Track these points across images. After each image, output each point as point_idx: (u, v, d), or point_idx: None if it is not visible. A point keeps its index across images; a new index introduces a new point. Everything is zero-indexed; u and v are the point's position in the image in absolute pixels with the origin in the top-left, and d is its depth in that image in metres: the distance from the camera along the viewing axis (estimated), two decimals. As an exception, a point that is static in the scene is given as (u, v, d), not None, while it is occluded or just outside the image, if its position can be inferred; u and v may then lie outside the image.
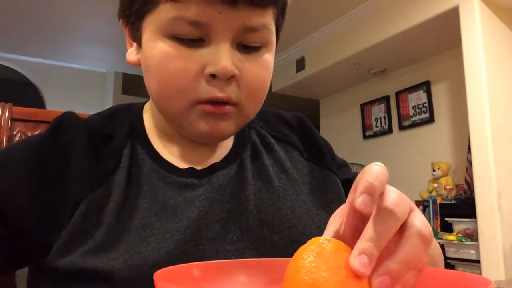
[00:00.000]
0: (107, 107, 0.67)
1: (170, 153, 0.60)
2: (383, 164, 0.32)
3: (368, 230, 0.30)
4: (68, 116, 0.58)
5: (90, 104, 5.21)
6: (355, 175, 0.69)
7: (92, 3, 3.64)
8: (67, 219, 0.50)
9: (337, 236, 0.34)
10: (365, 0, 3.41)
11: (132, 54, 0.58)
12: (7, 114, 0.77)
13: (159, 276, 0.31)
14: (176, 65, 0.50)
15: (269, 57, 0.55)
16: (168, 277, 0.33)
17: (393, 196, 0.31)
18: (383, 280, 0.28)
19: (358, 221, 0.34)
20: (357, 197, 0.30)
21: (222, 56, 0.50)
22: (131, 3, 0.54)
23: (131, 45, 0.58)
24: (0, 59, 4.91)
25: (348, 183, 0.65)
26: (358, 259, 0.28)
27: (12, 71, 5.06)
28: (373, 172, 0.31)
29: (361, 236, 0.30)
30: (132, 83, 5.42)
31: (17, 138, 0.76)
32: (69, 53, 4.87)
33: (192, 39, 0.50)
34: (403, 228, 0.31)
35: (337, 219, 0.35)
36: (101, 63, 5.22)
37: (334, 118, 4.69)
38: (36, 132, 0.78)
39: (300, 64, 4.21)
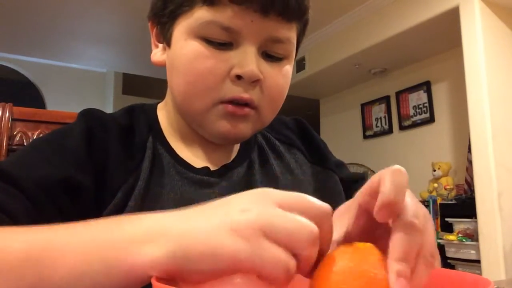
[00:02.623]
0: (108, 107, 0.68)
1: (184, 153, 0.62)
2: (403, 169, 0.32)
3: (397, 249, 0.30)
4: (97, 111, 0.60)
5: (90, 104, 5.15)
6: (350, 174, 0.71)
7: (93, 3, 3.64)
8: (107, 204, 0.53)
9: (344, 236, 0.35)
10: (365, 0, 3.41)
11: (157, 54, 0.61)
12: (7, 114, 0.77)
13: (157, 277, 0.31)
14: (205, 65, 0.53)
15: (289, 69, 0.59)
16: (166, 278, 0.33)
17: (411, 204, 0.32)
18: None
19: (366, 222, 0.35)
20: (378, 211, 0.31)
21: (249, 60, 0.53)
22: (165, 5, 0.56)
23: (156, 47, 0.61)
24: (1, 59, 4.91)
25: (343, 182, 0.69)
26: (397, 284, 0.29)
27: (12, 71, 5.06)
28: (396, 182, 0.31)
29: (391, 255, 0.30)
30: (132, 83, 5.43)
31: (17, 138, 0.77)
32: (69, 53, 4.87)
33: (222, 42, 0.53)
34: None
35: (343, 220, 0.36)
36: (101, 63, 5.22)
37: (334, 118, 4.69)
38: (37, 132, 0.78)
39: (301, 64, 4.21)
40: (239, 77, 0.53)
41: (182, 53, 0.54)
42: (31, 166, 0.50)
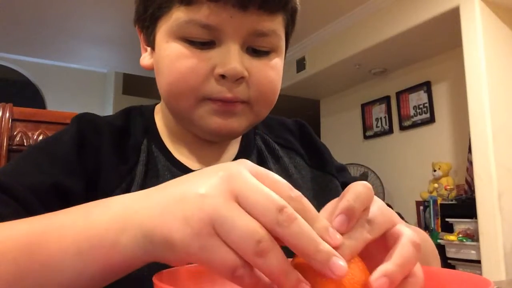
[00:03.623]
0: (108, 107, 0.68)
1: (181, 154, 0.61)
2: (368, 184, 0.33)
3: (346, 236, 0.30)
4: (91, 115, 0.60)
5: (90, 104, 5.21)
6: (352, 179, 0.70)
7: (93, 3, 3.64)
8: None
9: None
10: (365, 0, 3.41)
11: (145, 58, 0.60)
12: (7, 114, 0.77)
13: (158, 278, 0.31)
14: (187, 65, 0.52)
15: (278, 61, 0.57)
16: (167, 280, 0.33)
17: (373, 210, 0.32)
18: (382, 282, 0.28)
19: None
20: (335, 216, 0.31)
21: (231, 58, 0.51)
22: (146, 8, 0.56)
23: (145, 50, 0.61)
24: (1, 59, 4.91)
25: (345, 186, 0.67)
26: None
27: (12, 72, 5.06)
28: (356, 192, 0.32)
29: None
30: (133, 84, 5.43)
31: (17, 139, 0.77)
32: (69, 54, 4.88)
33: (203, 41, 0.52)
34: (396, 237, 0.32)
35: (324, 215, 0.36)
36: (101, 63, 5.22)
37: (334, 118, 4.69)
38: (37, 132, 0.78)
39: (301, 64, 4.21)
40: (223, 76, 0.52)
41: (165, 55, 0.54)
42: (23, 174, 0.50)
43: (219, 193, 0.29)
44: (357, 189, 0.32)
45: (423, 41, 3.30)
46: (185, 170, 0.59)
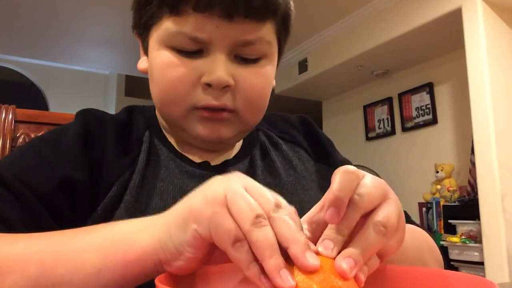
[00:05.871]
0: (110, 109, 0.70)
1: (183, 150, 0.62)
2: (351, 167, 0.35)
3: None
4: (95, 110, 0.62)
5: (93, 106, 5.04)
6: None
7: (96, 5, 3.65)
8: (102, 198, 0.54)
9: (315, 221, 0.37)
10: (368, 1, 3.41)
11: (143, 62, 0.62)
12: (10, 116, 0.77)
13: (160, 279, 0.31)
14: (175, 73, 0.53)
15: (269, 68, 0.57)
16: (168, 281, 0.33)
17: (364, 185, 0.35)
18: (348, 261, 0.32)
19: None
20: (325, 210, 0.33)
21: (217, 67, 0.52)
22: (140, 17, 0.58)
23: (144, 55, 0.62)
24: (4, 61, 4.93)
25: None
26: (323, 245, 0.33)
27: (15, 73, 5.08)
28: (339, 181, 0.34)
29: (328, 225, 0.34)
30: (135, 85, 5.44)
31: (20, 140, 0.77)
32: (72, 55, 4.89)
33: (191, 51, 0.53)
34: (367, 216, 0.35)
35: (316, 207, 0.38)
36: (104, 65, 5.23)
37: (336, 119, 4.69)
38: (40, 134, 0.78)
39: (303, 66, 4.21)
40: (208, 84, 0.53)
41: (155, 62, 0.55)
42: (27, 168, 0.51)
43: (233, 180, 0.35)
44: (341, 178, 0.34)
45: (425, 43, 3.30)
46: (189, 162, 0.60)
